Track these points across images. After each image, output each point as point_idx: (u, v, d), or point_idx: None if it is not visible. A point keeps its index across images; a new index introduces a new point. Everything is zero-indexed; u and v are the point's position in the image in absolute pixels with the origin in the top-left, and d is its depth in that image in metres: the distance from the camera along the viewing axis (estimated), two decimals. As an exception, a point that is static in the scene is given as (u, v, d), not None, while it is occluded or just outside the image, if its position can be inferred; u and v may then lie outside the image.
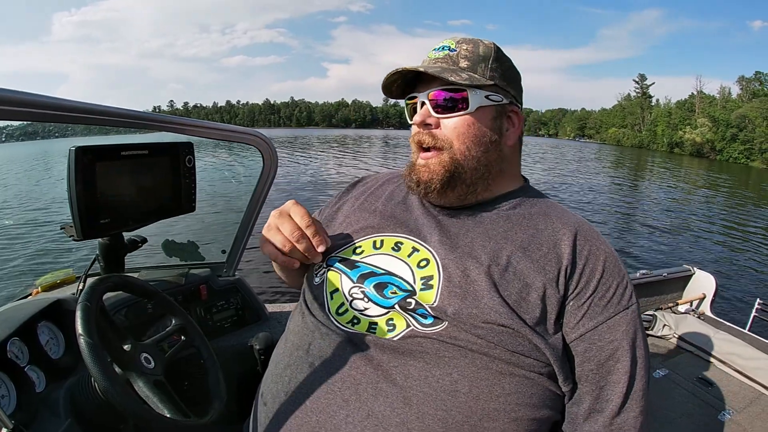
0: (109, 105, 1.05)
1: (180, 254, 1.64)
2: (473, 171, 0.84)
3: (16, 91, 0.83)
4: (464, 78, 0.81)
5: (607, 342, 0.74)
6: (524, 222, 0.84)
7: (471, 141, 0.83)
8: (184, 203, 1.30)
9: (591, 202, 12.95)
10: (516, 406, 0.71)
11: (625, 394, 0.74)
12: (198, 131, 1.32)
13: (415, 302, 0.77)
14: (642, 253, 7.69)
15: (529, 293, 0.75)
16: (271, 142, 1.50)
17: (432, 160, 0.84)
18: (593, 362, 0.75)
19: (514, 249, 0.79)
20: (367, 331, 0.77)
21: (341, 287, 0.84)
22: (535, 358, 0.73)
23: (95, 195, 1.04)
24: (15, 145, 12.55)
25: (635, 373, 0.74)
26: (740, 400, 1.76)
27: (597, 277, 0.77)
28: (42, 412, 0.91)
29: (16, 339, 0.97)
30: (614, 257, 0.81)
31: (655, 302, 2.51)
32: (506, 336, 0.71)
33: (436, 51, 0.87)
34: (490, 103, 0.84)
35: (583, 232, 0.82)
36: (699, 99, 73.40)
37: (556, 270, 0.76)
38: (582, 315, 0.75)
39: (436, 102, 0.84)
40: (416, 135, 0.87)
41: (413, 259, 0.82)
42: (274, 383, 0.81)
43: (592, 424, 0.75)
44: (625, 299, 0.77)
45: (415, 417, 0.68)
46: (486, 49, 0.86)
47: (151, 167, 1.21)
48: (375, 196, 1.01)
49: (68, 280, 1.43)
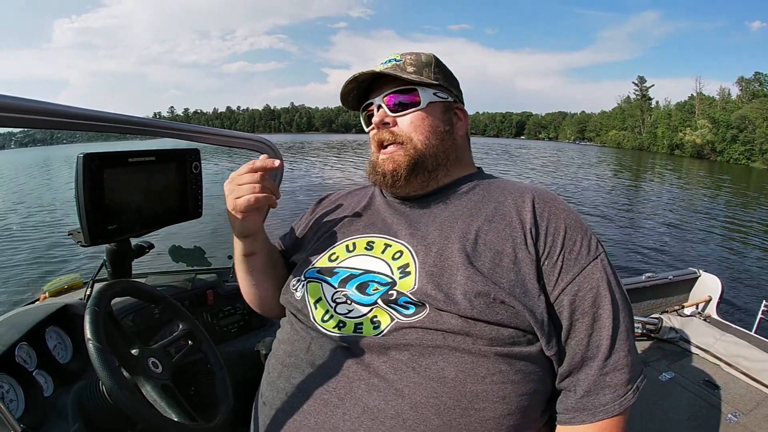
0: (118, 112, 1.06)
1: (187, 260, 1.64)
2: (433, 158, 0.92)
3: (33, 99, 0.85)
4: (415, 77, 0.91)
5: (587, 290, 0.79)
6: (485, 198, 0.90)
7: (428, 132, 0.92)
8: (191, 209, 1.30)
9: (595, 205, 12.92)
10: (501, 385, 0.73)
11: (612, 336, 0.78)
12: (204, 138, 1.33)
13: (397, 292, 0.80)
14: (647, 255, 7.66)
15: (501, 260, 0.79)
16: (276, 147, 1.50)
17: (395, 152, 0.91)
18: (579, 312, 0.79)
19: (481, 223, 0.85)
20: (354, 332, 0.80)
21: (323, 295, 0.87)
22: (515, 326, 0.75)
23: (103, 201, 1.05)
24: (27, 150, 12.67)
25: (618, 314, 0.79)
26: (747, 402, 1.75)
27: (562, 234, 0.82)
28: (50, 417, 0.92)
29: (24, 344, 0.98)
30: (574, 214, 0.87)
31: (661, 305, 2.50)
32: (484, 306, 0.75)
33: (383, 63, 0.96)
34: (438, 99, 0.94)
35: (540, 196, 0.88)
36: (699, 100, 73.46)
37: (522, 234, 0.81)
38: (559, 271, 0.80)
39: (390, 103, 0.93)
40: (376, 135, 0.94)
41: (387, 254, 0.87)
42: (270, 391, 0.84)
43: (588, 371, 0.78)
44: (593, 249, 0.82)
45: (408, 407, 0.71)
46: (427, 57, 0.97)
47: (158, 173, 1.21)
48: (341, 207, 1.06)
49: (75, 286, 1.43)
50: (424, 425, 0.70)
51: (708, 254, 8.18)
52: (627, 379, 0.77)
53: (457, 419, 0.71)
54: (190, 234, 1.64)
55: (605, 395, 0.77)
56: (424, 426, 0.70)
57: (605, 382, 0.77)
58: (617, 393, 0.76)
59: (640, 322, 2.24)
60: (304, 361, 0.81)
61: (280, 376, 0.84)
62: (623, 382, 0.77)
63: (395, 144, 0.92)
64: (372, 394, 0.73)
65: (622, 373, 0.77)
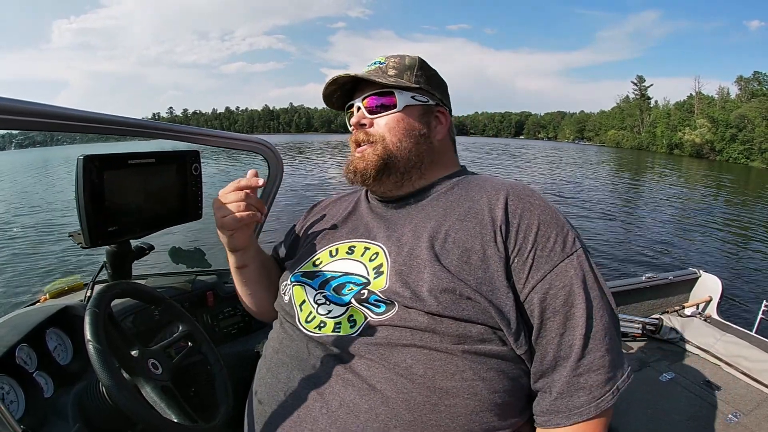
0: (117, 114, 1.06)
1: (187, 261, 1.64)
2: (406, 160, 0.94)
3: (33, 102, 0.85)
4: (393, 81, 0.93)
5: (559, 288, 0.78)
6: (461, 197, 0.91)
7: (401, 134, 0.94)
8: (191, 211, 1.30)
9: (594, 204, 12.91)
10: (472, 382, 0.75)
11: (585, 335, 0.76)
12: (204, 140, 1.33)
13: (368, 291, 0.83)
14: (647, 256, 7.65)
15: (469, 257, 0.80)
16: (276, 149, 1.50)
17: (366, 150, 0.94)
18: (549, 310, 0.78)
19: (452, 222, 0.86)
20: (333, 331, 0.83)
21: (307, 297, 0.91)
22: (483, 322, 0.76)
23: (103, 203, 1.04)
24: (26, 152, 12.65)
25: (592, 313, 0.78)
26: (747, 402, 1.75)
27: (534, 230, 0.81)
28: (50, 418, 0.92)
29: (24, 345, 0.98)
30: (550, 210, 0.85)
31: (662, 306, 2.50)
32: (450, 302, 0.76)
33: (368, 66, 0.99)
34: (416, 102, 0.96)
35: (514, 192, 0.87)
36: (698, 100, 73.48)
37: (492, 231, 0.82)
38: (529, 268, 0.79)
39: (369, 105, 0.96)
40: (353, 135, 0.98)
41: (365, 256, 0.91)
42: (259, 387, 0.89)
43: (561, 372, 0.77)
44: (568, 246, 0.81)
45: (380, 402, 0.74)
46: (411, 60, 0.98)
47: (158, 175, 1.21)
48: (329, 214, 1.11)
49: (76, 287, 1.43)
50: (396, 420, 0.72)
51: (708, 254, 8.18)
52: (604, 380, 0.76)
53: (427, 414, 0.73)
54: (190, 235, 1.64)
55: (579, 397, 0.75)
56: (396, 420, 0.72)
57: (579, 383, 0.76)
58: (593, 395, 0.75)
59: (641, 323, 2.25)
60: (288, 358, 0.86)
61: (268, 372, 0.89)
62: (599, 384, 0.76)
63: (368, 143, 0.95)
64: (348, 389, 0.76)
65: (597, 374, 0.76)
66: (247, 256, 1.06)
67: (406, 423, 0.72)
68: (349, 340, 0.80)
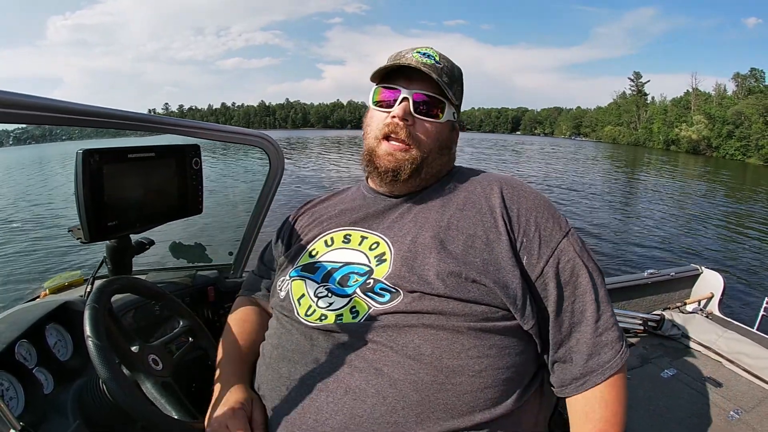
0: (118, 108, 1.05)
1: (187, 256, 1.63)
2: (429, 168, 0.96)
3: (33, 96, 0.85)
4: (450, 94, 0.93)
5: (566, 262, 0.86)
6: (458, 190, 0.96)
7: (437, 145, 0.96)
8: (191, 205, 1.29)
9: (592, 201, 12.94)
10: (477, 359, 0.78)
11: (595, 300, 0.85)
12: (205, 134, 1.31)
13: (373, 280, 0.85)
14: (649, 252, 7.69)
15: (473, 242, 0.85)
16: (277, 144, 1.49)
17: (399, 152, 0.93)
18: (562, 282, 0.85)
19: (453, 211, 0.91)
20: (335, 322, 0.83)
21: (306, 292, 0.91)
22: (487, 303, 0.80)
23: (102, 197, 1.03)
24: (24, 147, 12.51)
25: (595, 282, 0.86)
26: (749, 399, 1.75)
27: (534, 215, 0.89)
28: (50, 414, 0.92)
29: (24, 341, 0.97)
30: (542, 197, 0.94)
31: (663, 302, 2.51)
32: (456, 285, 0.80)
33: (422, 56, 0.94)
34: (453, 119, 0.99)
35: (507, 183, 0.94)
36: (694, 96, 73.73)
37: (492, 218, 0.88)
38: (538, 246, 0.86)
39: (418, 103, 0.93)
40: (390, 126, 0.93)
41: (364, 245, 0.92)
42: (260, 383, 0.88)
43: (580, 336, 0.84)
44: (563, 226, 0.90)
45: (388, 384, 0.75)
46: (458, 72, 1.00)
47: (158, 169, 1.20)
48: (319, 210, 1.09)
49: (76, 283, 1.42)
50: (403, 401, 0.74)
51: (710, 250, 8.20)
52: (618, 335, 0.84)
53: (434, 394, 0.75)
54: (191, 230, 1.63)
55: (606, 353, 0.83)
56: (404, 402, 0.74)
57: (602, 341, 0.83)
58: (615, 349, 0.83)
59: (642, 319, 2.25)
60: (289, 352, 0.85)
61: (267, 368, 0.88)
62: (616, 339, 0.84)
63: (404, 143, 0.93)
64: (354, 375, 0.77)
65: (613, 331, 0.84)
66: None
67: (413, 404, 0.73)
68: (353, 328, 0.81)
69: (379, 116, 0.96)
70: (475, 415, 0.75)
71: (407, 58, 0.94)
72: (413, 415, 0.73)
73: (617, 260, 7.03)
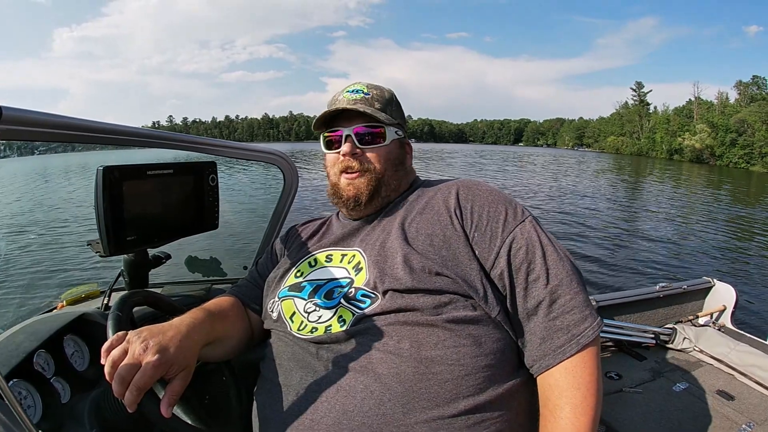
0: (136, 126, 1.08)
1: (202, 270, 1.65)
2: (387, 186, 1.06)
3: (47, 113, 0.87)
4: (384, 117, 1.03)
5: (518, 249, 0.89)
6: (420, 197, 1.04)
7: (388, 164, 1.06)
8: (208, 221, 1.32)
9: (600, 215, 12.83)
10: (454, 349, 0.82)
11: (549, 284, 0.87)
12: (222, 151, 1.34)
13: (355, 289, 0.92)
14: (660, 265, 7.51)
15: (432, 240, 0.92)
16: (291, 161, 1.52)
17: (357, 179, 1.03)
18: (513, 268, 0.89)
19: (414, 216, 0.99)
20: (325, 333, 0.89)
21: (297, 309, 0.98)
22: (454, 291, 0.87)
23: (122, 213, 1.06)
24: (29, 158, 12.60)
25: (551, 264, 0.88)
26: (761, 412, 1.73)
27: (486, 209, 0.94)
28: (67, 423, 0.93)
29: (42, 351, 0.99)
30: (496, 192, 0.99)
31: (675, 315, 2.48)
32: (424, 277, 0.87)
33: (351, 93, 1.06)
34: (397, 137, 1.09)
35: (463, 185, 1.01)
36: (697, 105, 73.86)
37: (448, 217, 0.95)
38: (489, 238, 0.91)
39: (360, 135, 1.03)
40: (343, 162, 1.04)
41: (344, 261, 1.00)
42: (260, 394, 0.94)
43: (536, 320, 0.87)
44: (519, 215, 0.94)
45: (373, 380, 0.80)
46: (389, 94, 1.10)
47: (176, 186, 1.23)
48: (303, 234, 1.18)
49: (92, 295, 1.44)
50: (389, 393, 0.78)
51: (721, 263, 8.00)
52: (579, 319, 0.85)
53: (417, 384, 0.79)
54: (206, 245, 1.64)
55: (559, 338, 0.84)
56: (389, 394, 0.78)
57: (556, 326, 0.85)
58: (571, 333, 0.84)
59: (654, 333, 2.23)
60: (285, 362, 0.92)
61: (266, 380, 0.94)
62: (575, 322, 0.84)
63: (358, 172, 1.03)
64: (344, 376, 0.83)
65: (572, 315, 0.85)
66: (214, 350, 0.97)
67: (398, 395, 0.78)
68: (341, 335, 0.87)
69: (332, 158, 1.08)
70: (459, 402, 0.79)
71: (339, 101, 1.05)
72: (399, 405, 0.77)
73: (629, 272, 6.95)
